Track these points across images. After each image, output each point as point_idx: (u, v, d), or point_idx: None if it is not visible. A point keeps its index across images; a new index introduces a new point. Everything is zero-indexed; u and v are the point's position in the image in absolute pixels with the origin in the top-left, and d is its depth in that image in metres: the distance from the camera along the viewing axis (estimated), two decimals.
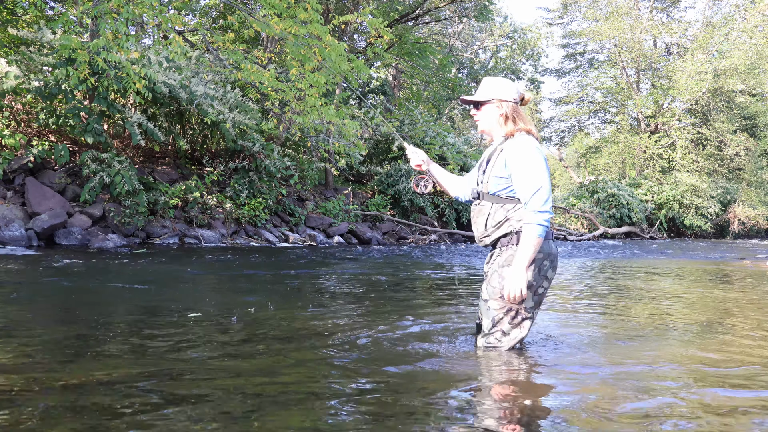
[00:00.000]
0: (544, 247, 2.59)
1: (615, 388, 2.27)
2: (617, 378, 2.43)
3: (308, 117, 10.00)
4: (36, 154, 9.20)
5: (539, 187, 2.50)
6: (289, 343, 2.88)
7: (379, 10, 17.71)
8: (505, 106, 2.66)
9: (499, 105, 2.66)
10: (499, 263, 2.64)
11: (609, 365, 2.63)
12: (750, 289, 6.06)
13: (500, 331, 2.63)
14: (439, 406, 2.02)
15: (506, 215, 2.62)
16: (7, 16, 10.14)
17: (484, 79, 2.77)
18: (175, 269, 6.31)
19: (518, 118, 2.66)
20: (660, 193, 26.51)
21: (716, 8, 31.57)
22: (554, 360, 2.70)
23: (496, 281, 2.63)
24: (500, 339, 2.63)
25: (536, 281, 2.59)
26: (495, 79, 2.73)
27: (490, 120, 2.70)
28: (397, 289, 5.41)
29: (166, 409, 1.87)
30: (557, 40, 35.89)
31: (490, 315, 2.63)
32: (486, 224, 2.70)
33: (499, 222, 2.64)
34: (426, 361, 2.60)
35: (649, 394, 2.20)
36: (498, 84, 2.71)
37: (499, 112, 2.67)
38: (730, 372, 2.54)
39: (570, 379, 2.41)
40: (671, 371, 2.54)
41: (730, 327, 3.67)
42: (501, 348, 2.63)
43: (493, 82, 2.72)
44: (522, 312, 2.61)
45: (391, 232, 14.91)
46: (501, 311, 2.61)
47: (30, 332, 2.99)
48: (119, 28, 7.58)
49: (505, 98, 2.66)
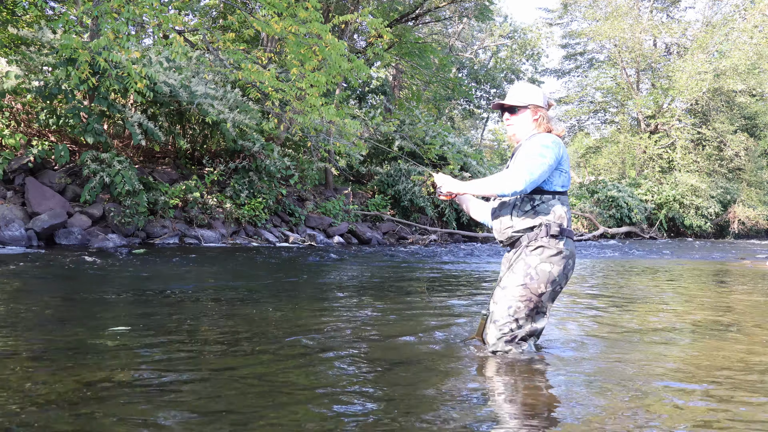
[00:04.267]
0: (569, 246, 2.60)
1: (631, 396, 2.26)
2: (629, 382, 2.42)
3: (309, 117, 9.99)
4: (36, 154, 9.19)
5: (527, 169, 2.50)
6: (290, 343, 2.87)
7: (379, 10, 17.70)
8: (540, 112, 2.72)
9: (535, 111, 2.72)
10: (525, 251, 2.59)
11: (627, 368, 2.59)
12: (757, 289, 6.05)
13: (515, 321, 2.57)
14: (443, 406, 2.02)
15: (533, 206, 2.60)
16: (7, 16, 10.13)
17: (518, 84, 2.81)
18: (175, 269, 6.31)
19: (548, 122, 2.73)
20: (660, 193, 26.51)
21: (716, 8, 31.60)
22: (566, 361, 2.68)
23: (520, 268, 2.58)
24: (514, 330, 2.57)
25: (559, 278, 2.57)
26: (529, 86, 2.78)
27: (525, 126, 2.74)
28: (398, 289, 5.41)
29: (166, 409, 1.87)
30: (557, 40, 35.91)
31: (508, 303, 2.57)
32: (511, 215, 2.65)
33: (525, 212, 2.61)
34: (427, 361, 2.59)
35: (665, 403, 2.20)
36: (533, 91, 2.76)
37: (534, 117, 2.72)
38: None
39: (584, 382, 2.40)
40: (687, 375, 2.54)
41: (747, 330, 3.66)
42: (514, 345, 2.58)
43: (528, 89, 2.76)
44: (541, 305, 2.57)
45: (391, 232, 14.90)
46: (520, 300, 2.56)
47: (29, 332, 2.99)
48: (120, 28, 7.58)
49: (540, 104, 2.73)
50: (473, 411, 1.99)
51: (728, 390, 2.26)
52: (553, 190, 2.62)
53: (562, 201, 2.64)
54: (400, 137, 16.49)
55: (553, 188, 2.62)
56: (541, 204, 2.59)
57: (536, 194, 2.60)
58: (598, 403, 2.09)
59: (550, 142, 2.59)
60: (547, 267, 2.55)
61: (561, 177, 2.63)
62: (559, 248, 2.56)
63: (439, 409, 1.98)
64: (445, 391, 2.16)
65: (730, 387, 2.30)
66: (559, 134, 2.72)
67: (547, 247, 2.55)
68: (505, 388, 2.25)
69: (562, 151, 2.64)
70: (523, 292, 2.55)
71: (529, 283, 2.54)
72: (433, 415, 1.92)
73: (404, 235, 15.00)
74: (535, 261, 2.55)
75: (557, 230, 2.56)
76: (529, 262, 2.56)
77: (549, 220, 2.58)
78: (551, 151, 2.57)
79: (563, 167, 2.65)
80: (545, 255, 2.55)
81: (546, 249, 2.55)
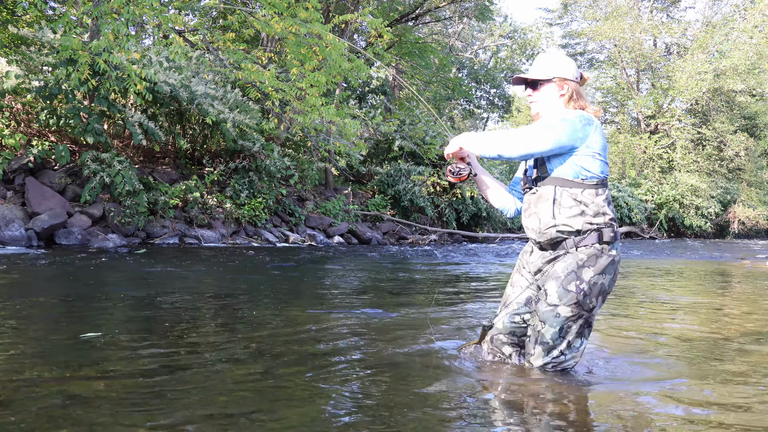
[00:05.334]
0: (619, 253, 2.30)
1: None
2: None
3: (309, 117, 9.99)
4: (36, 154, 9.19)
5: (527, 134, 2.16)
6: (289, 343, 2.87)
7: (379, 10, 17.71)
8: (568, 85, 2.30)
9: (561, 85, 2.30)
10: (575, 260, 2.23)
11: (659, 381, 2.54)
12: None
13: (567, 342, 2.25)
14: (443, 408, 2.02)
15: (577, 201, 2.22)
16: (7, 15, 10.13)
17: (540, 55, 2.39)
18: (175, 269, 6.31)
19: (580, 98, 2.31)
20: (660, 193, 26.52)
21: (716, 8, 31.61)
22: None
23: (571, 282, 2.22)
24: (564, 352, 2.26)
25: (609, 287, 2.28)
26: (554, 55, 2.36)
27: (550, 102, 2.32)
28: (397, 289, 5.41)
29: (165, 409, 1.87)
30: (557, 40, 35.90)
31: (559, 323, 2.23)
32: (553, 212, 2.26)
33: (570, 208, 2.23)
34: (427, 363, 2.58)
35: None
36: (558, 60, 2.33)
37: (560, 92, 2.31)
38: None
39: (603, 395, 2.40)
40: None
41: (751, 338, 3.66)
42: (567, 364, 2.28)
43: (552, 58, 2.34)
44: (591, 319, 2.27)
45: (391, 232, 14.90)
46: (572, 319, 2.23)
47: (28, 332, 2.99)
48: (120, 29, 7.57)
49: (568, 77, 2.30)
50: (479, 416, 1.99)
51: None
52: (594, 178, 2.22)
53: (608, 196, 2.28)
54: (400, 137, 16.49)
55: (593, 175, 2.22)
56: (588, 201, 2.23)
57: (576, 187, 2.22)
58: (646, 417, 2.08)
59: (573, 116, 2.19)
60: (600, 278, 2.23)
61: (596, 162, 2.22)
62: (612, 256, 2.25)
63: (438, 412, 1.97)
64: (444, 394, 2.16)
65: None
66: (596, 113, 2.31)
67: (601, 256, 2.23)
68: (507, 393, 2.24)
69: (592, 131, 2.21)
70: (576, 311, 2.22)
71: (582, 301, 2.21)
72: (431, 416, 1.91)
73: (404, 235, 15.00)
74: (589, 275, 2.22)
75: (611, 235, 2.24)
76: (583, 276, 2.22)
77: (600, 222, 2.22)
78: (568, 126, 2.16)
79: (596, 149, 2.21)
80: (599, 266, 2.22)
81: (599, 258, 2.22)
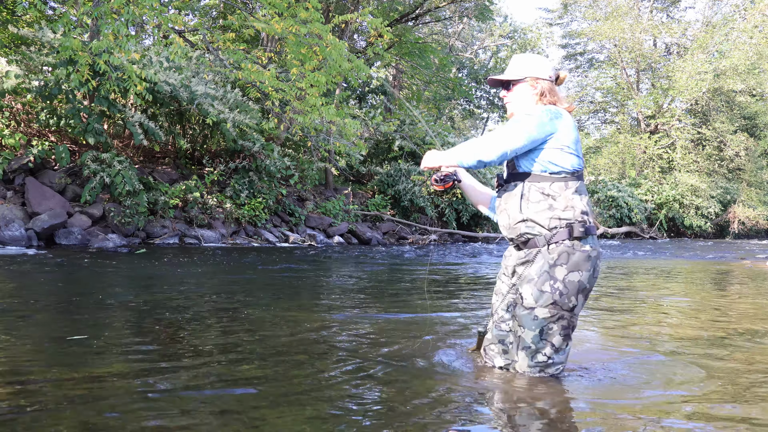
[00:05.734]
0: (595, 244, 2.24)
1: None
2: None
3: (309, 117, 9.99)
4: (36, 154, 9.19)
5: (498, 136, 2.17)
6: (288, 344, 2.87)
7: (379, 10, 17.71)
8: (540, 84, 2.31)
9: (534, 83, 2.31)
10: (546, 259, 2.20)
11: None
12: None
13: (550, 345, 2.20)
14: (440, 412, 2.02)
15: (545, 194, 2.21)
16: (7, 15, 10.13)
17: (515, 56, 2.43)
18: (175, 269, 6.31)
19: (554, 97, 2.31)
20: (660, 193, 26.53)
21: (716, 8, 31.63)
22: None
23: (545, 282, 2.18)
24: (551, 356, 2.20)
25: (589, 284, 2.22)
26: (527, 56, 2.39)
27: (524, 101, 2.33)
28: (397, 290, 5.41)
29: (165, 410, 1.87)
30: (557, 40, 35.93)
31: (538, 326, 2.18)
32: (520, 207, 2.25)
33: (537, 203, 2.21)
34: (426, 366, 2.58)
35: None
36: (532, 60, 2.36)
37: (534, 91, 2.31)
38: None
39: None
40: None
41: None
42: (551, 369, 2.21)
43: (525, 59, 2.37)
44: (573, 319, 2.21)
45: (391, 232, 14.90)
46: (551, 321, 2.17)
47: (28, 332, 2.99)
48: (120, 30, 7.57)
49: (541, 76, 2.32)
50: (475, 419, 1.99)
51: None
52: (562, 171, 2.20)
53: (579, 190, 2.23)
54: (400, 137, 16.49)
55: (562, 169, 2.20)
56: (555, 194, 2.20)
57: (544, 181, 2.20)
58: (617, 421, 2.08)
59: (540, 111, 2.20)
60: (576, 276, 2.17)
61: (565, 155, 2.20)
62: (585, 251, 2.19)
63: (437, 415, 1.97)
64: (444, 396, 2.16)
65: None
66: (568, 109, 2.32)
67: (573, 252, 2.18)
68: (506, 396, 2.24)
69: (563, 125, 2.21)
70: (554, 311, 2.17)
71: (560, 300, 2.16)
72: (430, 419, 1.91)
73: (404, 235, 15.00)
74: (563, 273, 2.17)
75: (582, 230, 2.18)
76: (556, 275, 2.17)
77: (569, 217, 2.18)
78: (535, 119, 2.17)
79: (565, 143, 2.20)
80: (572, 263, 2.17)
81: (572, 255, 2.17)
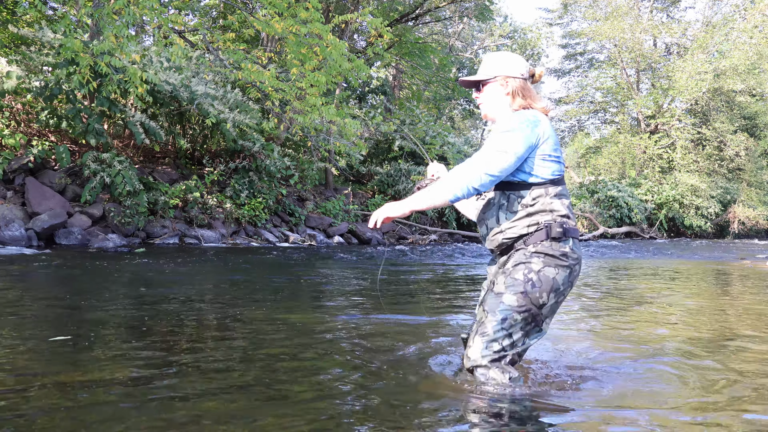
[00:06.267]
0: (576, 249, 2.16)
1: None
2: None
3: (309, 117, 10.00)
4: (36, 154, 9.20)
5: (484, 161, 2.06)
6: (289, 344, 2.87)
7: (379, 10, 17.71)
8: (511, 83, 2.21)
9: (504, 83, 2.21)
10: (524, 252, 2.14)
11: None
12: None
13: (508, 337, 2.09)
14: (442, 416, 2.02)
15: (524, 204, 2.14)
16: (7, 15, 10.14)
17: (485, 55, 2.30)
18: (175, 269, 6.31)
19: (527, 95, 2.22)
20: (660, 193, 26.54)
21: (716, 8, 31.63)
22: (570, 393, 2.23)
23: (519, 271, 2.11)
24: (506, 348, 2.10)
25: (563, 287, 2.13)
26: (498, 54, 2.27)
27: (496, 101, 2.24)
28: (398, 289, 5.41)
29: (164, 411, 1.87)
30: (557, 40, 36.00)
31: (503, 313, 2.09)
32: (498, 217, 2.19)
33: (515, 213, 2.15)
34: (427, 364, 2.58)
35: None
36: (502, 58, 2.25)
37: (505, 90, 2.22)
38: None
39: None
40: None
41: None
42: (501, 361, 2.10)
43: (496, 57, 2.26)
44: (539, 317, 2.12)
45: (391, 232, 14.90)
46: (518, 310, 2.09)
47: (27, 332, 2.99)
48: (121, 31, 7.58)
49: (512, 74, 2.21)
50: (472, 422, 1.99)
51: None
52: (543, 180, 2.14)
53: (560, 193, 2.16)
54: (400, 137, 16.50)
55: (542, 178, 2.13)
56: (533, 200, 2.14)
57: (524, 189, 2.14)
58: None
59: (520, 124, 2.10)
60: (552, 272, 2.10)
61: (546, 163, 2.13)
62: (563, 251, 2.12)
63: (433, 417, 1.98)
64: (443, 398, 2.16)
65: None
66: (544, 110, 2.23)
67: (550, 251, 2.11)
68: (503, 400, 2.23)
69: (542, 131, 2.12)
70: (522, 302, 2.08)
71: (530, 291, 2.08)
72: (429, 419, 1.91)
73: (404, 235, 15.00)
74: (539, 265, 2.10)
75: (560, 231, 2.11)
76: (532, 266, 2.11)
77: (548, 220, 2.12)
78: (519, 136, 2.07)
79: (546, 151, 2.13)
80: (549, 260, 2.11)
81: (548, 253, 2.11)
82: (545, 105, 2.25)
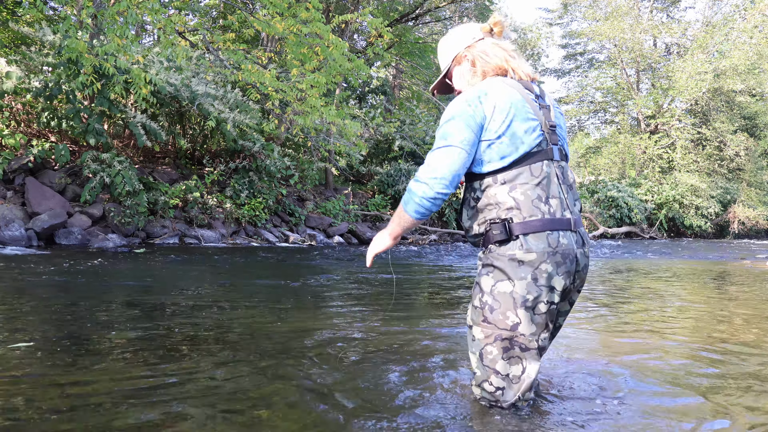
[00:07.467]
0: (536, 244, 1.74)
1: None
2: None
3: (309, 117, 10.00)
4: (36, 154, 9.20)
5: (432, 166, 1.76)
6: (288, 345, 2.87)
7: (379, 10, 17.72)
8: (471, 51, 1.93)
9: (464, 56, 1.95)
10: (479, 267, 1.88)
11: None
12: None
13: (494, 373, 1.79)
14: (440, 418, 2.02)
15: (474, 197, 1.86)
16: (7, 15, 10.14)
17: (437, 46, 2.05)
18: (174, 269, 6.31)
19: (486, 58, 1.90)
20: (660, 193, 26.54)
21: (716, 8, 31.64)
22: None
23: (476, 299, 1.83)
24: (499, 386, 1.80)
25: (536, 293, 1.74)
26: (444, 40, 2.01)
27: (462, 84, 1.98)
28: (398, 289, 5.40)
29: (163, 411, 1.87)
30: (557, 40, 36.08)
31: (477, 348, 1.82)
32: (463, 215, 1.94)
33: (471, 208, 1.88)
34: (426, 365, 2.59)
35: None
36: (449, 40, 1.99)
37: (465, 66, 1.95)
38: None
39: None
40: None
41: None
42: (505, 399, 1.81)
43: (443, 44, 2.01)
44: (519, 340, 1.76)
45: None
46: (488, 341, 1.79)
47: (27, 332, 2.99)
48: (124, 32, 7.58)
49: (462, 46, 1.94)
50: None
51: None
52: (486, 172, 1.80)
53: (510, 180, 1.77)
54: (400, 137, 16.50)
55: (484, 169, 1.80)
56: (482, 193, 1.83)
57: (475, 180, 1.84)
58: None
59: (458, 106, 1.78)
60: (505, 287, 1.76)
61: (491, 150, 1.78)
62: (511, 256, 1.75)
63: (431, 418, 1.98)
64: (441, 400, 2.16)
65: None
66: (528, 76, 1.89)
67: (498, 259, 1.78)
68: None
69: (492, 104, 1.76)
70: (489, 331, 1.78)
71: (491, 317, 1.78)
72: (426, 420, 1.91)
73: (404, 234, 14.99)
74: (489, 284, 1.79)
75: (498, 233, 1.76)
76: (483, 287, 1.81)
77: (493, 217, 1.79)
78: (458, 121, 1.76)
79: (489, 134, 1.77)
80: (498, 272, 1.78)
81: (496, 263, 1.78)
82: (520, 65, 1.90)
